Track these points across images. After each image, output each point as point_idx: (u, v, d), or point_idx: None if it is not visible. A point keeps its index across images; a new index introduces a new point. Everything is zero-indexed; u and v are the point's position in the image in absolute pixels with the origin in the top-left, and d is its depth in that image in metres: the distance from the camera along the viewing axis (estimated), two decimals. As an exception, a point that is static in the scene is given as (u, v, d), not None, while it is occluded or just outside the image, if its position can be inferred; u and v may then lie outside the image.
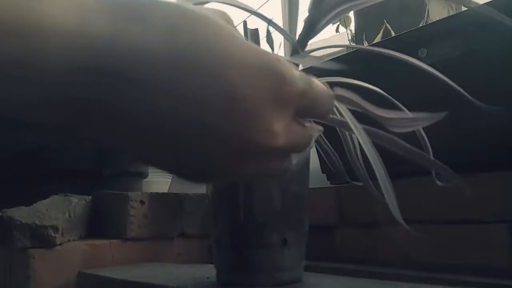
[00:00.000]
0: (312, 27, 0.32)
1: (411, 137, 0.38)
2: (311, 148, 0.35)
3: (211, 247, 0.36)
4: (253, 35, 0.38)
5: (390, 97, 0.36)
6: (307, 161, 0.35)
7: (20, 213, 0.49)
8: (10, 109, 0.20)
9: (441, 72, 0.50)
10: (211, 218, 0.36)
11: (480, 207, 0.46)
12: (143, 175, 0.76)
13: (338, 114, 0.31)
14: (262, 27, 0.37)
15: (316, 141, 0.36)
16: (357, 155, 0.38)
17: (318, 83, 0.25)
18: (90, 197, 0.58)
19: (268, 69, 0.21)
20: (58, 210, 0.51)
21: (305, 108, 0.24)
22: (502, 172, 0.45)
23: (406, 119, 0.28)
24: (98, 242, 0.53)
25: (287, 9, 0.34)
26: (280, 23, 0.35)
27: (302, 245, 0.35)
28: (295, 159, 0.26)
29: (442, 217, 0.49)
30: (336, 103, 0.30)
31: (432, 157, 0.35)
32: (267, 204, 0.33)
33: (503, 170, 0.45)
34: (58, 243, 0.49)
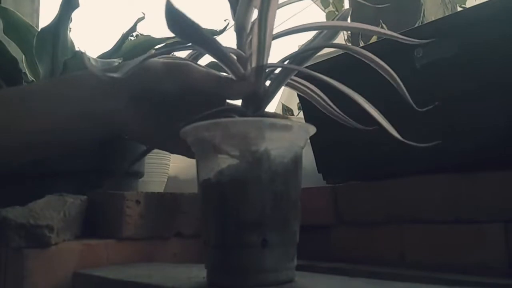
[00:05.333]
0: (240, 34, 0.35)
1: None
2: (303, 147, 0.35)
3: (203, 247, 0.36)
4: None
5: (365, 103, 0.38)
6: (294, 161, 0.34)
7: (15, 213, 0.49)
8: None
9: (438, 72, 0.51)
10: (201, 218, 0.36)
11: (475, 206, 0.47)
12: (139, 175, 0.76)
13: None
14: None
15: (311, 137, 0.36)
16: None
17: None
18: (85, 196, 0.58)
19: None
20: (53, 209, 0.51)
21: None
22: (497, 172, 0.46)
23: None
24: (94, 242, 0.53)
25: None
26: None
27: (289, 246, 0.35)
28: None
29: (437, 216, 0.49)
30: None
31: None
32: (248, 205, 0.32)
33: (498, 169, 0.45)
34: (53, 243, 0.49)
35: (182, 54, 0.47)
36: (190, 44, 0.39)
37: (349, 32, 1.18)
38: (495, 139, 0.47)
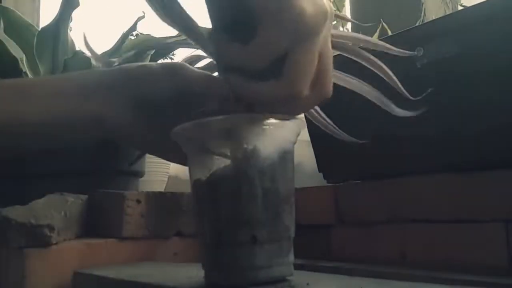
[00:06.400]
0: None
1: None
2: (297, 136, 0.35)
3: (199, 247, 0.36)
4: None
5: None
6: (283, 157, 0.34)
7: (16, 212, 0.49)
8: None
9: (438, 72, 0.51)
10: (195, 218, 0.36)
11: (475, 205, 0.47)
12: (140, 174, 0.76)
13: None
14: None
15: (311, 136, 0.36)
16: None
17: None
18: (86, 196, 0.58)
19: None
20: (54, 209, 0.51)
21: None
22: (498, 171, 0.46)
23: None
24: (94, 241, 0.53)
25: None
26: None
27: (282, 242, 0.34)
28: None
29: (438, 216, 0.49)
30: None
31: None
32: (236, 202, 0.33)
33: (499, 169, 0.45)
34: (54, 242, 0.49)
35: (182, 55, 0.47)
36: (190, 43, 0.39)
37: (349, 31, 1.18)
38: (496, 138, 0.47)
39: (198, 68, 0.42)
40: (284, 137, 0.35)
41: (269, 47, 0.29)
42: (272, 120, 0.34)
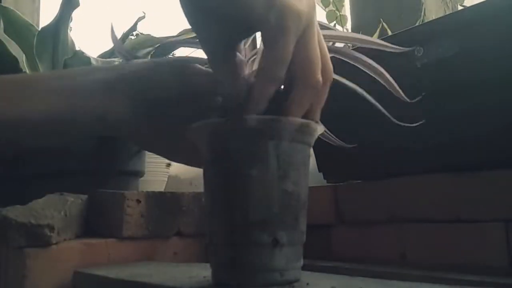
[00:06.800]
0: None
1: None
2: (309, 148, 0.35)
3: (207, 246, 0.36)
4: None
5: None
6: (303, 160, 0.34)
7: (15, 212, 0.49)
8: None
9: (437, 71, 0.51)
10: (206, 217, 0.36)
11: (475, 205, 0.47)
12: (140, 174, 0.76)
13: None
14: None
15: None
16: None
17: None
18: (86, 196, 0.58)
19: None
20: (54, 209, 0.51)
21: None
22: (498, 171, 0.46)
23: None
24: (94, 241, 0.53)
25: None
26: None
27: (297, 246, 0.34)
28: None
29: (438, 215, 0.49)
30: None
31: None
32: (259, 204, 0.32)
33: (498, 169, 0.45)
34: (54, 242, 0.49)
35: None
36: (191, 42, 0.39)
37: (349, 30, 1.17)
38: (496, 138, 0.47)
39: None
40: (307, 141, 0.34)
41: (282, 54, 0.30)
42: (293, 123, 0.33)
